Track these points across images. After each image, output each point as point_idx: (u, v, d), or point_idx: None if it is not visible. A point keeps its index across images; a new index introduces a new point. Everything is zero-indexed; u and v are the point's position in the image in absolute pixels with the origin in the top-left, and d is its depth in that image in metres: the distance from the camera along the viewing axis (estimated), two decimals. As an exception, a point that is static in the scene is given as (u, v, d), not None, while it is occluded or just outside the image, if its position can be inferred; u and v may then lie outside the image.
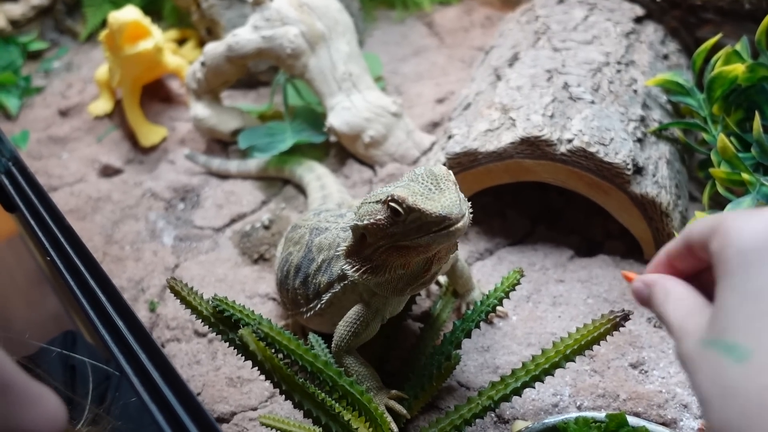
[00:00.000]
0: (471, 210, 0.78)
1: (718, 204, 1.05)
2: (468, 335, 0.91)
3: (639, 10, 1.35)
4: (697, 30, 1.34)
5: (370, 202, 0.79)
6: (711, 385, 0.46)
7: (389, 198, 0.74)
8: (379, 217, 0.76)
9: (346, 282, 0.88)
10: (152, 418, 0.61)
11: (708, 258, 0.52)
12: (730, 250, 0.48)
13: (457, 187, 0.77)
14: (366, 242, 0.80)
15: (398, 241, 0.76)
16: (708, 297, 0.53)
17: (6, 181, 0.92)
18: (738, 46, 1.10)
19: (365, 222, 0.78)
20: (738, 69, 1.06)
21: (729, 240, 0.48)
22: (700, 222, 0.54)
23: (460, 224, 0.73)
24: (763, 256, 0.46)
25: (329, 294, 0.91)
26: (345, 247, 0.84)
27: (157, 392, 0.62)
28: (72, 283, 0.76)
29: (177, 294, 0.82)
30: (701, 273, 0.57)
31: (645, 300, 0.59)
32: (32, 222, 0.86)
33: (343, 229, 0.92)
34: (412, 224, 0.74)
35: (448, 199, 0.73)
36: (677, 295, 0.55)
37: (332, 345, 0.89)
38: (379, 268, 0.81)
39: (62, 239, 0.80)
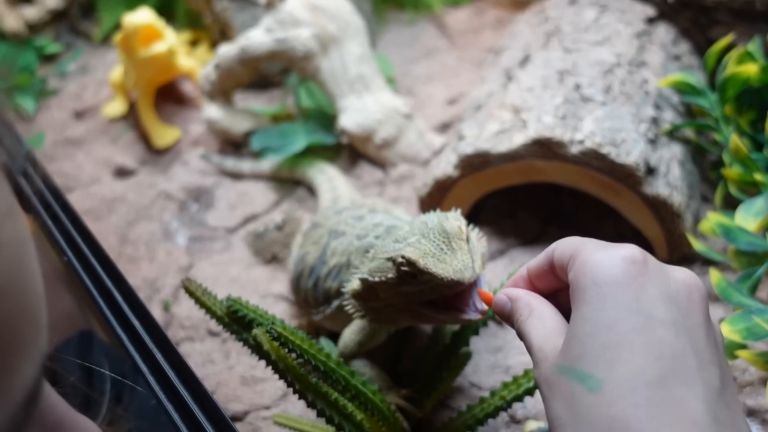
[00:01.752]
0: (484, 251, 0.78)
1: (730, 204, 1.05)
2: (476, 332, 0.91)
3: (650, 11, 1.35)
4: (709, 30, 1.34)
5: (380, 258, 0.76)
6: (564, 411, 0.47)
7: (400, 260, 0.72)
8: (390, 275, 0.74)
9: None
10: (168, 417, 0.62)
11: (566, 281, 0.53)
12: (586, 280, 0.49)
13: (471, 242, 0.76)
14: (376, 295, 0.78)
15: (412, 300, 0.75)
16: (564, 315, 0.55)
17: (23, 182, 0.94)
18: (750, 47, 1.10)
19: (376, 279, 0.76)
20: (750, 69, 1.06)
21: (586, 270, 0.50)
22: (563, 243, 0.55)
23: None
24: (616, 290, 0.48)
25: (338, 301, 0.91)
26: (352, 289, 0.81)
27: (174, 391, 0.63)
28: (88, 283, 0.77)
29: (191, 294, 0.83)
30: (558, 292, 0.58)
31: (506, 315, 0.60)
32: (49, 223, 0.87)
33: (358, 237, 0.91)
34: (424, 285, 0.72)
35: (460, 262, 0.70)
36: (540, 315, 0.56)
37: (337, 351, 0.89)
38: (386, 318, 0.80)
39: (79, 240, 0.82)
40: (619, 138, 1.03)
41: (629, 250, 0.50)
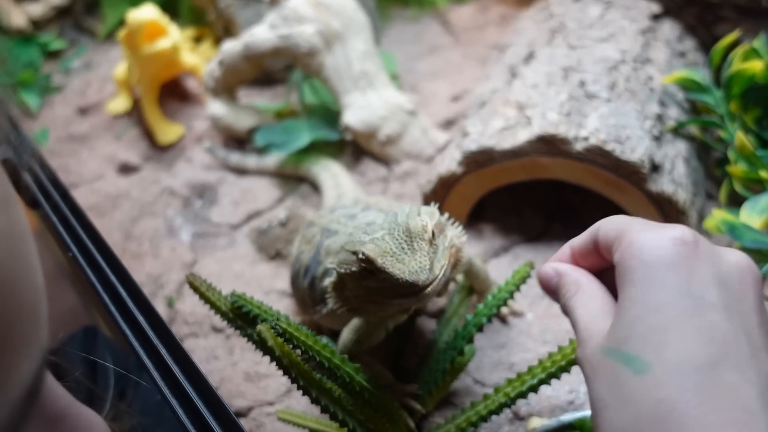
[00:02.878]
0: (445, 267, 0.75)
1: (735, 202, 1.04)
2: (480, 329, 0.91)
3: (655, 8, 1.34)
4: (715, 27, 1.33)
5: (348, 251, 0.77)
6: (607, 393, 0.46)
7: (360, 256, 0.73)
8: (354, 269, 0.75)
9: None
10: (173, 412, 0.62)
11: (611, 260, 0.52)
12: (634, 261, 0.48)
13: (439, 239, 0.76)
14: (346, 286, 0.81)
15: (373, 295, 0.76)
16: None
17: (28, 179, 0.94)
18: (756, 44, 1.09)
19: (342, 270, 0.78)
20: (756, 66, 1.05)
21: (634, 251, 0.49)
22: (609, 222, 0.54)
23: (428, 290, 0.71)
24: (665, 272, 0.47)
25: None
26: (329, 282, 0.84)
27: (178, 386, 0.64)
28: (93, 278, 0.77)
29: (196, 290, 0.83)
30: (603, 272, 0.57)
31: (551, 288, 0.58)
32: (54, 219, 0.87)
33: (351, 234, 0.92)
34: (383, 282, 0.73)
35: (417, 263, 0.71)
36: (588, 293, 0.55)
37: (337, 350, 0.89)
38: (360, 309, 0.82)
39: (84, 236, 0.82)
40: (623, 135, 1.03)
41: (679, 231, 0.48)
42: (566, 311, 0.56)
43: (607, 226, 0.54)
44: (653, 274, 0.47)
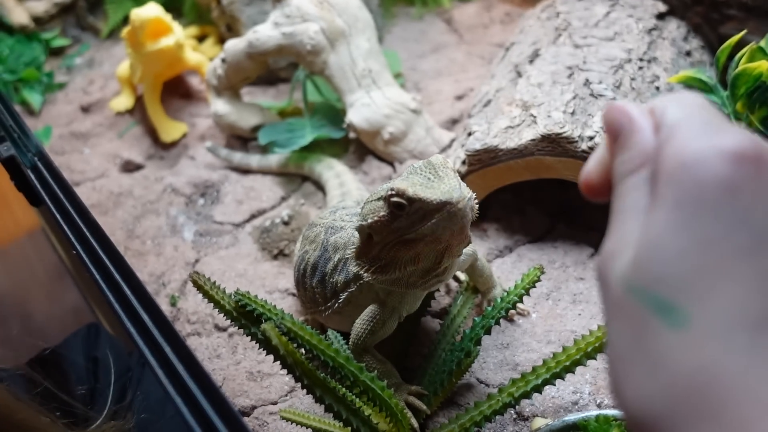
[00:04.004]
0: (476, 199, 0.78)
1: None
2: (488, 332, 0.91)
3: (661, 7, 1.34)
4: (721, 26, 1.33)
5: (371, 201, 0.79)
6: (631, 345, 0.37)
7: (389, 192, 0.75)
8: (382, 213, 0.77)
9: (362, 281, 0.88)
10: (177, 410, 0.62)
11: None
12: (681, 175, 0.37)
13: (456, 173, 0.78)
14: (373, 241, 0.80)
15: (404, 234, 0.76)
16: None
17: (32, 176, 0.93)
18: (763, 43, 1.09)
19: (369, 221, 0.78)
20: (763, 66, 1.04)
21: (683, 160, 0.37)
22: (666, 105, 0.41)
23: (461, 204, 0.73)
24: (721, 197, 0.36)
25: (346, 293, 0.92)
26: (354, 249, 0.84)
27: (182, 385, 0.63)
28: (97, 276, 0.77)
29: (200, 288, 0.83)
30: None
31: (614, 131, 0.44)
32: (58, 216, 0.87)
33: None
34: (414, 215, 0.74)
35: (447, 185, 0.74)
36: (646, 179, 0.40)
37: (350, 343, 0.89)
38: (389, 265, 0.81)
39: (88, 233, 0.81)
40: (629, 134, 1.02)
41: (740, 142, 0.36)
42: (613, 183, 0.43)
43: (661, 108, 0.41)
44: (705, 198, 0.36)
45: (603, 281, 0.40)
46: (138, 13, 1.50)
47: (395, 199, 0.74)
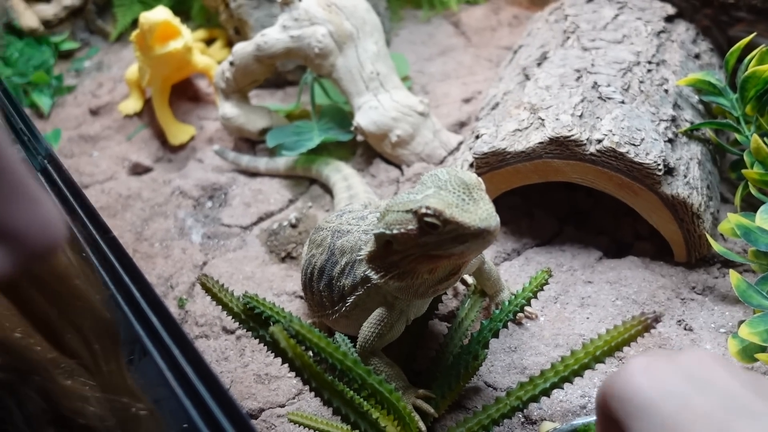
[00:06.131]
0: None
1: (750, 206, 1.03)
2: (496, 335, 0.90)
3: (670, 9, 1.33)
4: (730, 29, 1.32)
5: (398, 211, 0.77)
6: None
7: (424, 210, 0.73)
8: (410, 227, 0.75)
9: (369, 285, 0.88)
10: (185, 412, 0.62)
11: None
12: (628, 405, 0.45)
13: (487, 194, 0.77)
14: (392, 249, 0.80)
15: (430, 250, 0.75)
16: None
17: (42, 179, 0.94)
18: (772, 46, 1.08)
19: (395, 231, 0.77)
20: (772, 68, 1.04)
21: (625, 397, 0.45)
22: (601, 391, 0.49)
23: (496, 232, 0.73)
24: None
25: (353, 297, 0.91)
26: (367, 252, 0.84)
27: (191, 386, 0.63)
28: (107, 278, 0.77)
29: (208, 291, 0.83)
30: None
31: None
32: (67, 219, 0.87)
33: (365, 232, 0.91)
34: (446, 235, 0.73)
35: (484, 211, 0.73)
36: None
37: (357, 346, 0.89)
38: (406, 274, 0.80)
39: (97, 236, 0.82)
40: (637, 137, 1.02)
41: None
42: None
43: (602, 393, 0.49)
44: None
45: None
46: (147, 17, 1.50)
47: (430, 219, 0.73)
